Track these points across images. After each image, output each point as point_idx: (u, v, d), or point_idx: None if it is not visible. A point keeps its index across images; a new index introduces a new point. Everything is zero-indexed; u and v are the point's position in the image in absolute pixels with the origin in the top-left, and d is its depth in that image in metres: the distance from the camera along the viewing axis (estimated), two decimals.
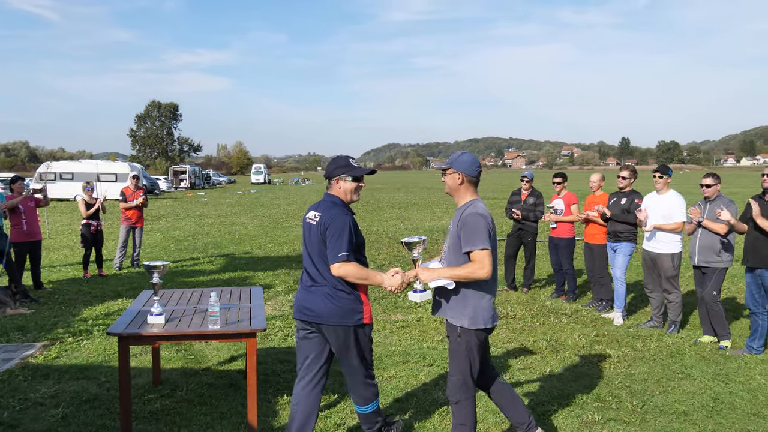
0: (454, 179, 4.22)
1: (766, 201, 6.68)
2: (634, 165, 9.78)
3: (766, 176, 6.66)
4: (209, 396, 5.70)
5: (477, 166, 4.25)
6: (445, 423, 5.14)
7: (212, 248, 15.75)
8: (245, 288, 6.22)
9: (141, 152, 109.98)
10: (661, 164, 8.25)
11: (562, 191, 9.64)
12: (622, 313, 8.41)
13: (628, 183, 8.54)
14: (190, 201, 37.95)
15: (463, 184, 4.22)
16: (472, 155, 4.34)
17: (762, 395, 5.75)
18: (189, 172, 61.07)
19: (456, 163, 4.22)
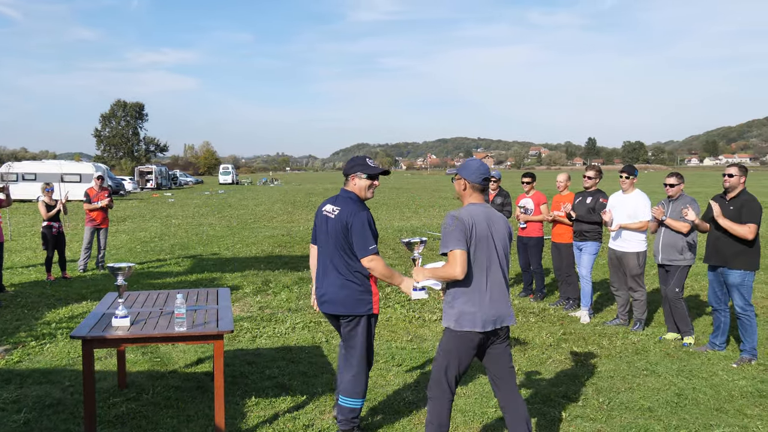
0: (459, 185, 4.35)
1: (727, 201, 6.80)
2: (599, 165, 9.88)
3: (726, 176, 6.78)
4: (176, 399, 5.64)
5: (481, 173, 4.28)
6: (414, 423, 5.15)
7: (179, 249, 15.59)
8: (212, 289, 6.16)
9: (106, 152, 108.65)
10: (627, 164, 8.36)
11: (531, 191, 9.71)
12: (588, 311, 8.50)
13: (593, 183, 8.64)
14: (157, 202, 37.53)
15: (467, 190, 4.31)
16: (479, 162, 4.40)
17: (724, 390, 5.85)
18: (155, 172, 60.37)
19: (462, 169, 4.33)
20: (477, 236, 4.13)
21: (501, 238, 4.23)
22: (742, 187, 6.76)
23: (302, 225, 21.67)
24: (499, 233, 4.22)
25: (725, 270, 6.74)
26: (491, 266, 4.17)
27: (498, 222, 4.26)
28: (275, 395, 5.73)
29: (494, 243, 4.18)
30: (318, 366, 6.57)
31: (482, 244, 4.15)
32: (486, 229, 4.16)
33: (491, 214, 4.26)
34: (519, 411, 4.24)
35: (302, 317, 8.55)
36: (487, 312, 4.14)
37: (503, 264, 4.23)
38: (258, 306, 9.25)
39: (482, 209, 4.25)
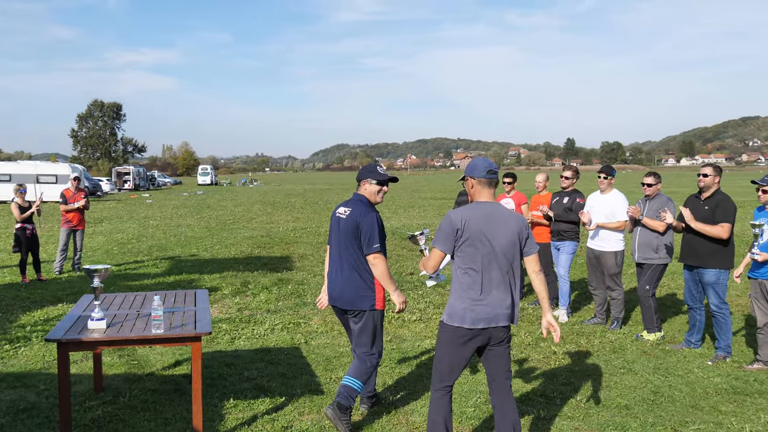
0: (468, 185, 4.36)
1: (702, 200, 6.88)
2: (576, 165, 9.96)
3: (701, 176, 6.86)
4: (153, 402, 5.59)
5: (483, 168, 4.27)
6: (393, 423, 5.16)
7: (157, 251, 15.48)
8: (190, 291, 6.12)
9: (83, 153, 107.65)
10: (605, 165, 8.44)
11: (512, 191, 9.74)
12: (566, 310, 8.56)
13: (570, 183, 8.70)
14: (134, 203, 37.23)
15: (474, 188, 4.31)
16: (480, 159, 4.40)
17: (700, 388, 5.92)
18: (133, 173, 59.92)
19: (468, 169, 4.35)
20: (468, 234, 4.13)
21: (502, 237, 4.13)
22: (716, 186, 6.84)
23: (281, 226, 21.61)
24: (499, 233, 4.13)
25: (700, 270, 6.82)
26: (488, 265, 4.14)
27: (502, 221, 4.16)
28: (254, 397, 5.71)
29: (490, 242, 4.12)
30: (297, 367, 6.56)
31: (475, 243, 4.13)
32: (480, 228, 4.12)
33: (494, 214, 4.18)
34: (508, 415, 4.24)
35: (281, 318, 8.53)
36: (479, 310, 4.12)
37: (503, 264, 4.15)
38: (237, 307, 9.21)
39: (484, 208, 4.20)
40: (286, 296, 9.97)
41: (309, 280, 11.38)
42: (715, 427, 5.07)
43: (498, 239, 4.13)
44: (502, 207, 4.28)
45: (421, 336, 7.72)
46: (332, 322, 8.38)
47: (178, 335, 4.65)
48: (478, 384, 5.99)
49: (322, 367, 6.57)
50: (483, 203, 4.24)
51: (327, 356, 6.92)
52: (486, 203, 4.24)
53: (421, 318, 8.55)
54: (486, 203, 4.24)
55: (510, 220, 4.20)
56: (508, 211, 4.27)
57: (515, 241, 4.17)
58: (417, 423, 5.16)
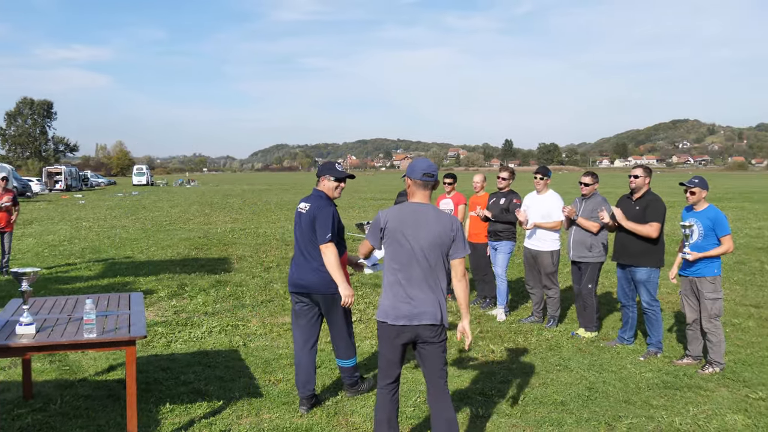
0: (406, 185, 4.40)
1: (633, 200, 7.08)
2: (512, 166, 10.11)
3: (632, 177, 7.06)
4: (86, 408, 5.44)
5: (420, 170, 4.29)
6: (333, 424, 5.14)
7: (90, 253, 15.07)
8: (124, 294, 5.98)
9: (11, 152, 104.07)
10: (542, 166, 8.59)
11: (451, 192, 9.80)
12: (504, 309, 8.68)
13: (507, 183, 8.83)
14: (66, 204, 36.16)
15: (410, 188, 4.35)
16: (421, 160, 4.46)
17: (632, 383, 6.08)
18: (65, 173, 58.15)
19: (407, 169, 4.38)
20: (388, 233, 4.24)
21: (422, 238, 4.17)
22: (647, 187, 7.05)
23: (219, 227, 21.31)
24: (420, 233, 4.17)
25: (633, 267, 7.01)
26: (408, 264, 4.19)
27: (425, 223, 4.19)
28: (191, 401, 5.61)
29: (409, 242, 4.18)
30: (235, 370, 6.47)
31: (395, 241, 4.22)
32: (399, 228, 4.20)
33: (419, 215, 4.22)
34: (443, 413, 4.26)
35: (219, 321, 8.41)
36: (401, 307, 4.19)
37: (423, 264, 4.19)
38: (173, 310, 9.04)
39: (412, 208, 4.25)
40: (224, 298, 9.83)
41: (248, 281, 11.25)
42: (647, 420, 5.22)
43: (418, 240, 4.18)
44: (430, 209, 4.29)
45: (361, 336, 7.72)
46: (271, 324, 8.31)
47: (112, 339, 4.53)
48: (417, 384, 6.02)
49: (261, 369, 6.51)
50: (413, 204, 4.29)
51: (266, 358, 6.86)
52: (416, 204, 4.28)
53: (360, 318, 8.55)
54: (416, 204, 4.28)
55: (434, 222, 4.21)
56: (435, 213, 4.27)
57: (437, 243, 4.20)
58: (357, 424, 5.16)
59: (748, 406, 5.50)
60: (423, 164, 4.36)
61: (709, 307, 6.36)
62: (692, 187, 6.46)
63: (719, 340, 6.35)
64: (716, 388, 5.94)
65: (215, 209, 30.57)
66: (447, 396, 4.31)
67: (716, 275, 6.40)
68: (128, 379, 4.58)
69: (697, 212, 6.50)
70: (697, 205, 6.51)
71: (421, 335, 4.21)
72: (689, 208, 6.63)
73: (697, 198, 6.47)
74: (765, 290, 10.39)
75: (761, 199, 34.90)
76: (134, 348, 4.57)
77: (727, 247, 6.35)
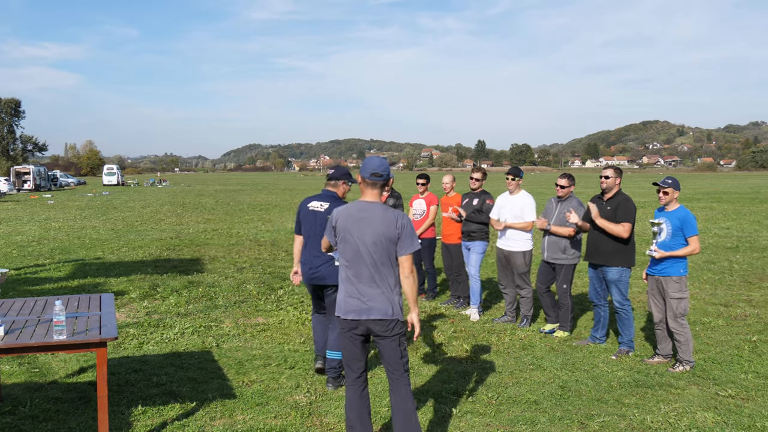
0: (359, 181, 4.48)
1: (605, 201, 7.16)
2: (483, 167, 10.17)
3: (603, 178, 7.13)
4: (56, 411, 5.36)
5: (369, 169, 4.37)
6: (307, 425, 5.12)
7: (59, 254, 14.85)
8: (95, 295, 5.89)
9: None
10: (513, 166, 8.64)
11: (425, 192, 9.82)
12: (478, 309, 8.72)
13: (479, 184, 8.86)
14: (35, 204, 35.61)
15: (361, 186, 4.44)
16: (373, 158, 4.47)
17: (604, 382, 6.14)
18: (33, 172, 57.28)
19: (361, 167, 4.46)
20: (338, 231, 4.41)
21: (367, 236, 4.27)
22: (618, 188, 7.13)
23: (192, 227, 21.14)
24: (365, 231, 4.28)
25: (604, 268, 7.08)
26: (355, 261, 4.32)
27: (369, 221, 4.29)
28: (163, 403, 5.55)
29: (355, 240, 4.30)
30: (208, 371, 6.42)
31: (343, 239, 4.38)
32: (346, 226, 4.35)
33: (365, 213, 4.32)
34: (400, 405, 4.35)
35: (192, 322, 8.33)
36: (350, 302, 4.35)
37: (368, 261, 4.29)
38: (145, 311, 8.94)
39: (357, 206, 4.38)
40: (197, 299, 9.75)
41: (221, 282, 11.17)
42: (619, 419, 5.27)
43: (362, 238, 4.30)
44: (377, 207, 4.34)
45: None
46: (245, 324, 8.26)
47: (82, 341, 4.46)
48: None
49: (234, 370, 6.46)
50: (361, 202, 4.40)
51: (239, 359, 6.81)
52: (363, 203, 4.39)
53: None
54: (363, 203, 4.39)
55: (378, 221, 4.28)
56: (381, 212, 4.32)
57: (381, 241, 4.27)
58: (331, 424, 5.15)
59: (717, 403, 5.58)
60: (373, 163, 4.40)
61: (674, 307, 6.44)
62: (666, 187, 6.53)
63: (687, 339, 6.43)
64: (687, 386, 6.02)
65: (187, 209, 30.32)
66: (405, 388, 4.39)
67: (682, 275, 6.48)
68: (99, 381, 4.51)
69: (667, 212, 6.58)
70: (669, 205, 6.60)
71: (373, 329, 4.34)
72: (661, 208, 6.71)
73: (669, 198, 6.55)
74: (734, 289, 10.55)
75: (729, 200, 35.46)
76: (105, 350, 4.51)
77: (693, 247, 6.43)
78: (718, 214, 25.35)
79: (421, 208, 9.66)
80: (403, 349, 4.37)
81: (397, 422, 4.34)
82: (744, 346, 7.27)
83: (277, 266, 12.93)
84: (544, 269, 7.90)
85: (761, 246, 15.72)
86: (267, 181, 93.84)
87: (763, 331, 7.89)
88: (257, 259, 13.85)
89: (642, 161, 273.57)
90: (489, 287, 10.57)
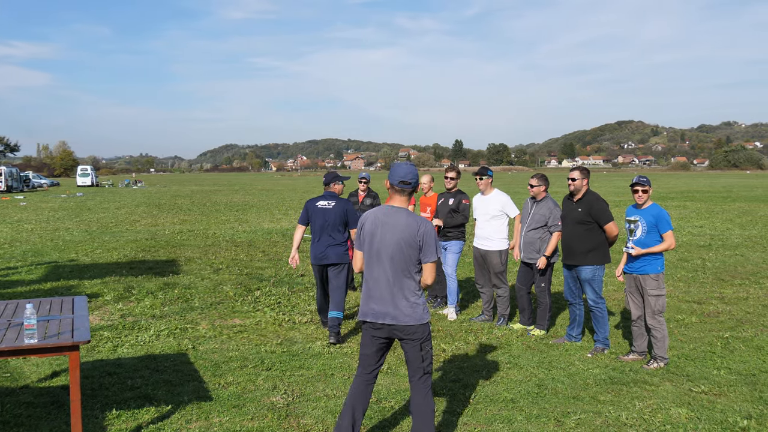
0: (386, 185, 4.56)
1: (575, 202, 7.22)
2: (457, 166, 10.21)
3: (570, 180, 7.20)
4: (28, 416, 5.28)
5: (398, 177, 4.41)
6: (284, 427, 5.10)
7: (32, 256, 14.65)
8: (67, 298, 5.82)
9: None
10: (481, 167, 8.68)
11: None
12: (455, 308, 8.74)
13: (454, 183, 8.89)
14: (7, 205, 35.10)
15: (389, 191, 4.52)
16: (401, 165, 4.50)
17: (580, 379, 6.18)
18: (5, 173, 56.40)
19: (390, 171, 4.50)
20: (364, 236, 4.47)
21: (388, 240, 4.34)
22: (586, 188, 7.20)
23: (167, 228, 20.96)
24: (386, 236, 4.35)
25: (578, 267, 7.14)
26: (378, 264, 4.39)
27: (392, 226, 4.35)
28: (138, 406, 5.49)
29: (377, 244, 4.37)
30: (184, 374, 6.37)
31: (367, 243, 4.44)
32: (371, 230, 4.42)
33: (388, 217, 4.39)
34: (418, 406, 4.42)
35: (167, 324, 8.26)
36: (370, 305, 4.44)
37: (387, 266, 4.35)
38: (119, 314, 8.84)
39: (384, 210, 4.44)
40: (173, 301, 9.66)
41: (197, 283, 11.09)
42: (595, 416, 5.31)
43: (384, 242, 4.36)
44: (402, 213, 4.40)
45: (312, 338, 7.68)
46: (221, 326, 8.20)
47: (54, 345, 4.41)
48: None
49: (211, 372, 6.41)
50: (387, 207, 4.47)
51: (215, 361, 6.76)
52: (390, 208, 4.45)
53: (311, 320, 8.50)
54: (390, 208, 4.45)
55: (401, 227, 4.34)
56: (405, 218, 4.36)
57: (402, 246, 4.32)
58: (308, 425, 5.13)
59: (691, 399, 5.65)
60: (402, 171, 4.44)
61: (652, 304, 6.51)
62: (644, 186, 6.60)
63: (663, 336, 6.51)
64: (661, 382, 6.08)
65: (163, 210, 30.07)
66: (425, 390, 4.47)
67: (659, 272, 6.56)
68: (72, 385, 4.46)
69: (641, 210, 6.65)
70: (644, 203, 6.67)
71: (395, 333, 4.41)
72: (635, 205, 6.78)
73: (648, 196, 6.64)
74: (707, 287, 10.68)
75: (702, 199, 35.91)
76: (78, 353, 4.46)
77: (669, 243, 6.50)
78: (691, 213, 25.67)
79: None
80: (425, 353, 4.43)
81: (415, 423, 4.43)
82: (717, 343, 7.36)
83: (254, 267, 12.86)
84: (523, 270, 7.94)
85: (733, 244, 15.94)
86: (244, 181, 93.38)
87: (736, 328, 7.99)
88: (234, 260, 13.77)
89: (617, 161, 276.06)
90: (466, 287, 10.60)
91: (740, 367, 6.53)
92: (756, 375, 6.28)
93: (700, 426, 5.09)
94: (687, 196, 38.63)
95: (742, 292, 10.22)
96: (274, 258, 14.10)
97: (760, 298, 9.71)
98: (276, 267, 12.85)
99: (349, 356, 6.95)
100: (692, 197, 37.67)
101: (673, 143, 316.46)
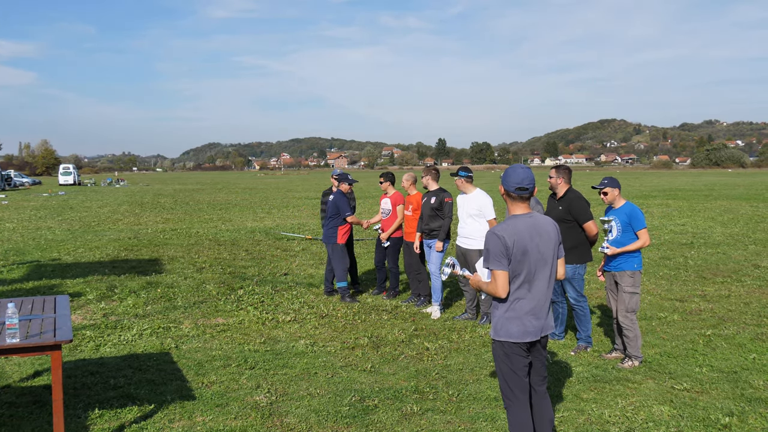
0: (501, 191, 4.21)
1: (557, 200, 7.27)
2: (433, 165, 10.26)
3: (551, 178, 7.26)
4: (10, 416, 5.24)
5: (513, 184, 4.06)
6: (267, 426, 5.09)
7: (14, 255, 14.52)
8: (49, 297, 5.78)
9: None
10: (460, 166, 8.70)
11: (390, 191, 9.82)
12: (438, 307, 8.76)
13: (428, 181, 8.93)
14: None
15: (506, 199, 4.18)
16: (516, 169, 4.12)
17: (563, 377, 6.22)
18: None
19: (503, 175, 4.14)
20: (514, 252, 3.99)
21: (548, 247, 4.10)
22: (566, 186, 7.26)
23: (150, 227, 20.84)
24: (545, 243, 4.09)
25: None
26: (534, 277, 4.08)
27: (542, 232, 4.10)
28: (121, 406, 5.47)
29: (535, 255, 4.04)
30: (167, 373, 6.34)
31: (520, 260, 4.02)
32: (523, 245, 4.01)
33: (534, 228, 4.08)
34: (545, 414, 4.25)
35: (150, 323, 8.22)
36: (525, 322, 4.10)
37: (547, 272, 4.12)
38: (102, 313, 8.79)
39: (523, 222, 4.07)
40: (156, 300, 9.62)
41: (180, 282, 11.03)
42: (578, 414, 5.34)
43: (543, 252, 4.08)
44: (539, 218, 4.15)
45: (296, 337, 7.67)
46: (204, 325, 8.17)
47: (36, 344, 4.38)
48: (352, 383, 6.03)
49: (194, 371, 6.39)
50: (525, 217, 4.11)
51: (198, 360, 6.74)
52: (526, 218, 4.10)
53: (295, 319, 8.49)
54: (526, 218, 4.10)
55: (552, 231, 4.15)
56: (546, 221, 4.17)
57: (556, 249, 4.17)
58: (292, 424, 5.12)
59: (673, 397, 5.70)
60: (518, 176, 4.08)
61: (626, 301, 6.55)
62: (603, 188, 6.70)
63: (635, 335, 6.55)
64: (643, 380, 6.13)
65: (146, 209, 29.89)
66: (548, 397, 4.32)
67: (636, 270, 6.60)
68: (54, 384, 4.43)
69: (615, 209, 6.72)
70: (615, 202, 6.74)
71: (540, 343, 4.19)
72: (610, 206, 6.85)
73: (611, 197, 6.71)
74: (689, 285, 10.77)
75: (685, 197, 36.19)
76: (60, 352, 4.43)
77: (644, 240, 6.57)
78: (673, 211, 25.86)
79: (387, 207, 9.69)
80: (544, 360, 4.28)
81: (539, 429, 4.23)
82: (699, 341, 7.43)
83: (238, 266, 12.82)
84: None
85: (715, 242, 16.08)
86: (227, 180, 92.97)
87: (717, 326, 8.07)
88: (217, 259, 13.72)
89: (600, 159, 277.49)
90: (450, 285, 10.62)
91: (722, 364, 6.59)
92: (738, 372, 6.34)
93: (683, 423, 5.14)
94: (669, 195, 38.91)
95: (724, 289, 10.32)
96: (258, 257, 14.06)
97: (742, 296, 9.80)
98: (259, 266, 12.81)
99: (332, 355, 6.95)
100: (674, 195, 37.95)
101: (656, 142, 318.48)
